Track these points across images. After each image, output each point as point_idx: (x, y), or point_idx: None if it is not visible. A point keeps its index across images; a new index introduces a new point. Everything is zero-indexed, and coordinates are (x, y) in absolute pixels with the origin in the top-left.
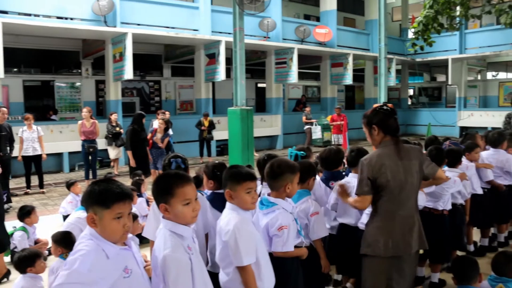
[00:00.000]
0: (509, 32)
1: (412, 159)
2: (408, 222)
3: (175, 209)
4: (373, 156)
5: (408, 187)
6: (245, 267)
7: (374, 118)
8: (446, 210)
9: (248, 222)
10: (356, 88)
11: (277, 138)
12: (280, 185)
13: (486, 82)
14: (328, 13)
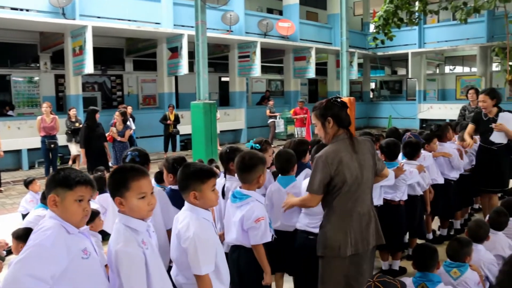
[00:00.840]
0: (464, 27)
1: (366, 152)
2: (365, 219)
3: (130, 203)
4: (329, 153)
5: (364, 182)
6: (204, 276)
7: (329, 111)
8: (403, 201)
9: (207, 226)
10: (319, 81)
11: (241, 132)
12: (253, 177)
13: (444, 76)
14: (290, 7)
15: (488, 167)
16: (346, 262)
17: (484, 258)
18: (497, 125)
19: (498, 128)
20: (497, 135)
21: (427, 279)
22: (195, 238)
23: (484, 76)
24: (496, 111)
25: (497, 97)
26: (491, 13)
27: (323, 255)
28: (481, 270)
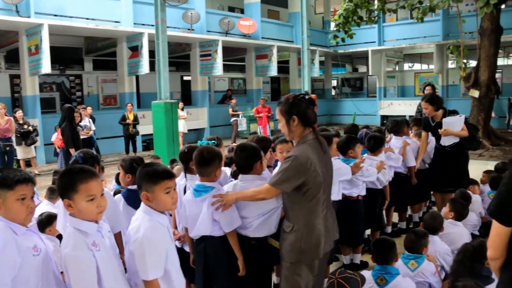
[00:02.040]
0: (422, 26)
1: (327, 151)
2: (331, 219)
3: (78, 205)
4: (308, 156)
5: (330, 183)
6: (151, 281)
7: (295, 108)
8: (361, 196)
9: (160, 230)
10: (282, 79)
11: (203, 131)
12: (210, 170)
13: (403, 73)
14: (252, 5)
15: (443, 168)
16: (317, 263)
17: (439, 249)
18: (442, 131)
19: (444, 134)
20: (446, 139)
21: (386, 271)
22: (143, 241)
23: (441, 73)
24: (441, 114)
25: (437, 101)
26: (446, 12)
27: (297, 260)
28: (437, 260)
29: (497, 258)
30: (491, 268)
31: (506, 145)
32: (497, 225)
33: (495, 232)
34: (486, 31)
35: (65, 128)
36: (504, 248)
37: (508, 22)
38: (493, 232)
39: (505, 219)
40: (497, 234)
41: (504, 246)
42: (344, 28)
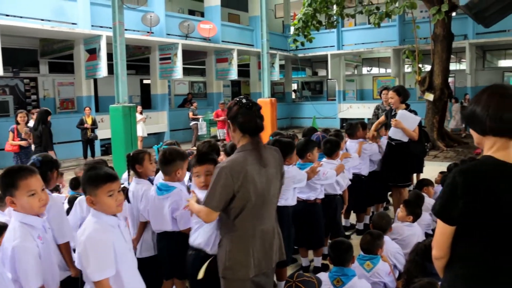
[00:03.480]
0: (379, 31)
1: (275, 165)
2: (269, 237)
3: (20, 201)
4: (234, 165)
5: (270, 199)
6: (100, 282)
7: (229, 113)
8: (319, 199)
9: (107, 231)
10: (242, 83)
11: (163, 135)
12: (171, 170)
13: (362, 77)
14: (212, 9)
15: (391, 162)
16: (248, 284)
17: (390, 248)
18: (394, 120)
19: (394, 124)
20: (395, 131)
21: (342, 273)
22: (86, 242)
23: (398, 77)
24: (403, 108)
25: (404, 94)
26: (402, 19)
27: (224, 276)
28: (389, 260)
29: (441, 257)
30: (435, 267)
31: (459, 147)
32: (441, 225)
33: (440, 232)
34: (439, 37)
35: (43, 131)
36: (448, 248)
37: (459, 29)
38: (438, 231)
39: (449, 219)
40: (442, 233)
41: (448, 245)
42: (303, 32)
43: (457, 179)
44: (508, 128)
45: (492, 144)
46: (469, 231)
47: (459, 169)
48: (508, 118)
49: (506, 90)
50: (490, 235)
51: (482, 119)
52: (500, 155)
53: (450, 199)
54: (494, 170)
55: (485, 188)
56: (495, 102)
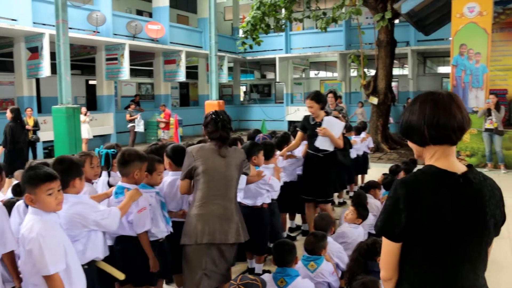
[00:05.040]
0: (326, 35)
1: (234, 158)
2: (226, 212)
3: None
4: (196, 146)
5: (228, 179)
6: (53, 275)
7: (205, 121)
8: (266, 204)
9: (53, 226)
10: (191, 85)
11: (110, 137)
12: (129, 171)
13: (310, 80)
14: (160, 9)
15: (312, 175)
16: (201, 250)
17: (332, 248)
18: (321, 129)
19: (322, 133)
20: (322, 141)
21: (286, 274)
22: (39, 238)
23: (344, 81)
24: (323, 115)
25: (323, 100)
26: (348, 24)
27: (183, 243)
28: (332, 260)
29: (389, 279)
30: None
31: (402, 149)
32: (387, 243)
33: (386, 251)
34: (383, 43)
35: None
36: (396, 267)
37: (402, 36)
38: (384, 251)
39: (393, 235)
40: (388, 252)
41: (396, 264)
42: (252, 35)
43: (399, 192)
44: (446, 134)
45: (433, 153)
46: (413, 247)
47: (400, 181)
48: (445, 123)
49: (437, 96)
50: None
51: (420, 129)
52: (441, 164)
53: (393, 213)
54: (435, 179)
55: (427, 199)
56: (429, 109)
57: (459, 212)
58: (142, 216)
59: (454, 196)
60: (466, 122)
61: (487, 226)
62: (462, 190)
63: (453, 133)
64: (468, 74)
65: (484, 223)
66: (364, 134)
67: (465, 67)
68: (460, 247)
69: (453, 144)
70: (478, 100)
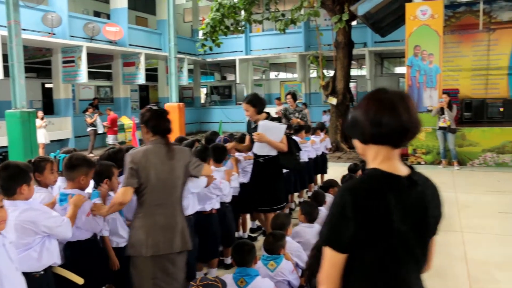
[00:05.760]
0: (286, 37)
1: (179, 159)
2: (170, 221)
3: None
4: (139, 151)
5: (172, 186)
6: None
7: (143, 118)
8: (215, 209)
9: None
10: (150, 87)
11: (68, 142)
12: (75, 176)
13: (270, 81)
14: (118, 11)
15: (254, 183)
16: (148, 262)
17: (291, 247)
18: (256, 134)
19: (257, 138)
20: (259, 146)
21: (246, 273)
22: None
23: (304, 82)
24: (263, 118)
25: (259, 103)
26: (307, 26)
27: (129, 254)
28: (291, 259)
29: None
30: None
31: None
32: (331, 254)
33: (330, 263)
34: (341, 44)
35: None
36: (339, 280)
37: (359, 37)
38: (327, 263)
39: (340, 245)
40: (332, 264)
41: (340, 277)
42: (211, 37)
43: (346, 198)
44: (388, 134)
45: (375, 154)
46: (360, 256)
47: (346, 187)
48: (388, 122)
49: (386, 93)
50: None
51: (363, 125)
52: (386, 167)
53: (340, 221)
54: (382, 184)
55: (376, 205)
56: (374, 106)
57: (407, 215)
58: (90, 219)
59: (401, 199)
60: (412, 124)
61: (431, 227)
62: (408, 192)
63: (395, 134)
64: (422, 74)
65: (429, 225)
66: (323, 134)
67: (419, 67)
68: (409, 251)
69: (396, 147)
70: (432, 99)
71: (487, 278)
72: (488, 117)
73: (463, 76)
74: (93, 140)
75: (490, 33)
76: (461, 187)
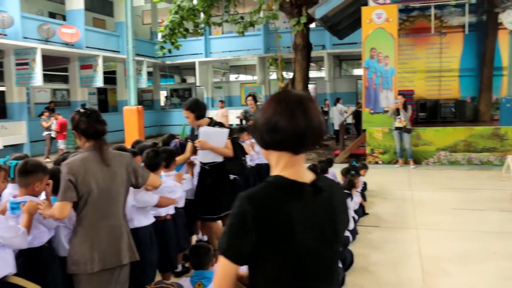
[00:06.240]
0: (245, 39)
1: (119, 165)
2: (115, 233)
3: None
4: (75, 159)
5: (114, 195)
6: None
7: (73, 122)
8: (169, 215)
9: None
10: (109, 90)
11: (23, 147)
12: (30, 182)
13: (230, 84)
14: (75, 12)
15: (200, 190)
16: (95, 279)
17: None
18: (198, 142)
19: (199, 146)
20: (204, 154)
21: (203, 276)
22: None
23: (264, 84)
24: (205, 123)
25: (197, 108)
26: (267, 28)
27: (71, 272)
28: None
29: None
30: None
31: (320, 148)
32: (226, 265)
33: (224, 273)
34: (299, 46)
35: None
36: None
37: (318, 40)
38: (221, 272)
39: (240, 257)
40: (227, 275)
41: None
42: (170, 40)
43: (245, 208)
44: (283, 141)
45: (277, 160)
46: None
47: (246, 196)
48: (284, 128)
49: (286, 96)
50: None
51: (260, 130)
52: (288, 173)
53: (240, 232)
54: (284, 191)
55: (278, 214)
56: (272, 109)
57: (313, 224)
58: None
59: (305, 207)
60: (310, 130)
61: (337, 234)
62: (313, 200)
63: (291, 141)
64: (379, 76)
65: (336, 231)
66: None
67: (375, 69)
68: (317, 262)
69: (296, 153)
70: (388, 100)
71: (439, 271)
72: (441, 117)
73: (418, 78)
74: (49, 144)
75: (442, 37)
76: (416, 185)
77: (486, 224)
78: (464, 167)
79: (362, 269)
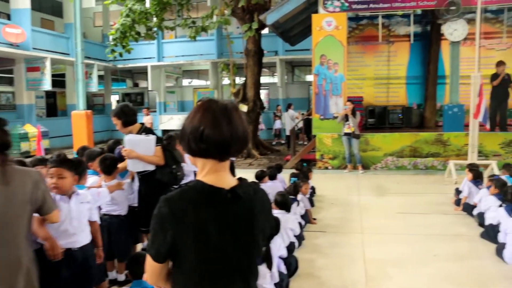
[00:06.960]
0: (199, 44)
1: (21, 184)
2: (11, 267)
3: None
4: None
5: (10, 219)
6: None
7: None
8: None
9: None
10: (58, 94)
11: None
12: None
13: (183, 88)
14: (20, 12)
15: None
16: None
17: None
18: (124, 150)
19: (126, 155)
20: (132, 163)
21: (142, 286)
22: None
23: (216, 89)
24: (138, 128)
25: (123, 115)
26: (220, 33)
27: None
28: None
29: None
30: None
31: (272, 154)
32: (149, 262)
33: (151, 270)
34: (251, 52)
35: None
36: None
37: (270, 46)
38: (148, 269)
39: (159, 256)
40: (153, 272)
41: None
42: (121, 43)
43: (163, 210)
44: (208, 149)
45: (202, 166)
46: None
47: (164, 198)
48: (208, 137)
49: (212, 105)
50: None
51: (187, 138)
52: (209, 179)
53: (159, 233)
54: (201, 196)
55: (191, 217)
56: (198, 118)
57: (225, 228)
58: None
59: (220, 212)
60: (234, 139)
61: (255, 240)
62: (230, 205)
63: (216, 149)
64: (329, 82)
65: (253, 237)
66: None
67: (325, 76)
68: (231, 264)
69: (221, 160)
70: (337, 106)
71: (381, 275)
72: (389, 123)
73: (367, 85)
74: None
75: (390, 45)
76: (364, 190)
77: (429, 227)
78: (410, 171)
79: (308, 275)
